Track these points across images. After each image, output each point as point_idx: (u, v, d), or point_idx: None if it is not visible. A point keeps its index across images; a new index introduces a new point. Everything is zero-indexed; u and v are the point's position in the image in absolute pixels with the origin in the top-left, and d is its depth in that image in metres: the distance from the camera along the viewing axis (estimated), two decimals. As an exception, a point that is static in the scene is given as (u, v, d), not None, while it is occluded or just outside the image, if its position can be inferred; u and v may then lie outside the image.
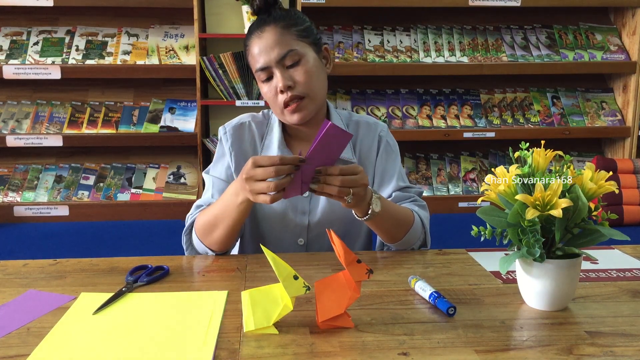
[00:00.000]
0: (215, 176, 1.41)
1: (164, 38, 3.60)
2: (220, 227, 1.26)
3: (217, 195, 1.38)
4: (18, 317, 1.00)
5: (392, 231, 1.31)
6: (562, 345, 0.90)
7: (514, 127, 3.64)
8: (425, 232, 1.37)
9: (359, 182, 1.15)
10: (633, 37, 3.63)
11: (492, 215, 0.99)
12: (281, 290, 0.94)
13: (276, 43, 1.29)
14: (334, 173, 1.13)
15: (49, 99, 3.63)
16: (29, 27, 3.60)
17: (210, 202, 1.37)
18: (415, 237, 1.34)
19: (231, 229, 1.26)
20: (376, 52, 3.59)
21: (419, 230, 1.35)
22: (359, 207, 1.21)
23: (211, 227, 1.28)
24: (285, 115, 1.33)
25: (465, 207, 3.55)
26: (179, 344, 0.91)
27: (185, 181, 3.58)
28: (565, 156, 1.01)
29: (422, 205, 1.40)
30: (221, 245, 1.30)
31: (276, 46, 1.29)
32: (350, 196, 1.14)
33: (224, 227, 1.26)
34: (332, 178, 1.13)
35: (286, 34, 1.30)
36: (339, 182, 1.13)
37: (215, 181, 1.40)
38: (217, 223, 1.26)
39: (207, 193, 1.40)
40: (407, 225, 1.32)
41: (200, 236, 1.31)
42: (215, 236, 1.28)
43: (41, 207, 3.40)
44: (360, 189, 1.16)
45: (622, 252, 1.33)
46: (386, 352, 0.88)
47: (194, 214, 1.36)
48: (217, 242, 1.29)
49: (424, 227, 1.37)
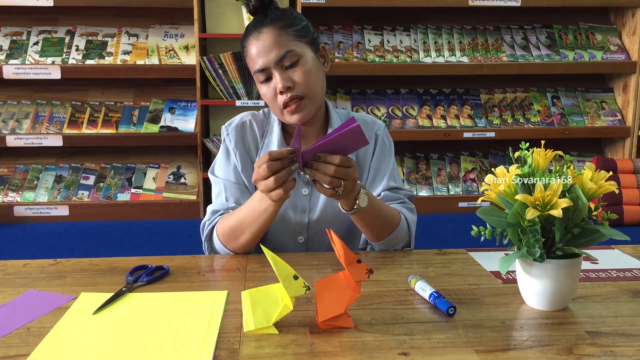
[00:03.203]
0: (225, 179, 1.41)
1: (164, 38, 3.60)
2: (247, 232, 1.29)
3: (231, 199, 1.39)
4: (18, 317, 1.00)
5: (377, 229, 1.31)
6: (562, 345, 0.90)
7: (514, 127, 3.64)
8: (410, 235, 1.38)
9: (350, 175, 1.15)
10: (633, 37, 3.63)
11: (492, 215, 0.99)
12: (281, 290, 0.94)
13: (274, 44, 1.29)
14: (334, 162, 1.13)
15: (49, 99, 3.63)
16: (29, 27, 3.60)
17: (225, 205, 1.38)
18: (399, 239, 1.35)
19: (258, 232, 1.29)
20: (376, 52, 3.59)
21: (404, 232, 1.35)
22: (346, 200, 1.22)
23: (238, 233, 1.30)
24: (285, 116, 1.33)
25: (465, 207, 3.55)
26: (179, 344, 0.91)
27: (185, 181, 3.58)
28: (565, 156, 1.01)
29: (411, 209, 1.40)
30: (246, 249, 1.33)
31: (274, 47, 1.29)
32: (341, 188, 1.15)
33: (250, 232, 1.28)
34: (328, 166, 1.13)
35: (284, 34, 1.30)
36: (332, 171, 1.13)
37: (227, 185, 1.40)
38: (243, 229, 1.29)
39: (221, 197, 1.41)
40: (393, 225, 1.32)
41: (224, 242, 1.33)
42: (242, 241, 1.31)
43: (41, 207, 3.40)
44: (349, 183, 1.16)
45: (622, 252, 1.33)
46: (386, 352, 0.88)
47: (212, 220, 1.37)
48: (243, 246, 1.32)
49: (409, 229, 1.37)
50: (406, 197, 1.42)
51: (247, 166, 1.41)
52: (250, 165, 1.41)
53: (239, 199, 1.38)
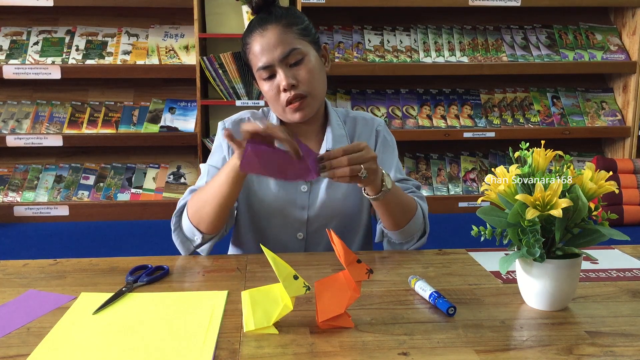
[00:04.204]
0: (211, 165, 1.41)
1: (164, 38, 3.60)
2: (210, 202, 1.25)
3: None
4: (18, 317, 1.00)
5: (398, 215, 1.30)
6: (562, 345, 0.90)
7: (514, 127, 3.64)
8: (425, 223, 1.37)
9: (366, 157, 1.14)
10: (633, 37, 3.63)
11: (492, 215, 0.99)
12: (281, 290, 0.94)
13: (279, 41, 1.29)
14: (338, 155, 1.12)
15: (49, 99, 3.63)
16: (29, 27, 3.60)
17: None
18: (417, 226, 1.34)
19: (222, 203, 1.24)
20: (376, 52, 3.59)
21: (420, 220, 1.35)
22: (373, 183, 1.19)
23: (203, 202, 1.27)
24: (287, 114, 1.33)
25: (465, 207, 3.55)
26: (179, 344, 0.91)
27: (185, 181, 3.58)
28: (565, 156, 1.01)
29: (421, 197, 1.40)
30: (210, 225, 1.28)
31: (279, 45, 1.29)
32: (364, 171, 1.13)
33: (215, 201, 1.24)
34: (338, 160, 1.12)
35: (289, 32, 1.30)
36: (346, 161, 1.11)
37: (211, 169, 1.40)
38: (207, 198, 1.26)
39: (202, 180, 1.40)
40: (411, 211, 1.32)
41: (190, 215, 1.30)
42: (206, 212, 1.27)
43: (41, 207, 3.40)
44: (371, 162, 1.15)
45: (622, 252, 1.33)
46: (386, 352, 0.88)
47: (186, 198, 1.35)
48: (207, 218, 1.27)
49: (424, 217, 1.37)
50: (414, 187, 1.42)
51: None
52: None
53: None
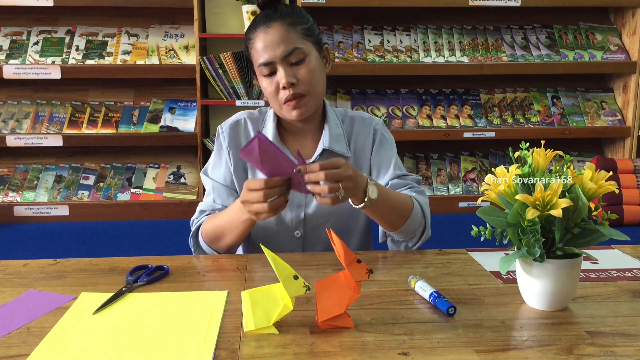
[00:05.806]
0: (215, 180, 1.43)
1: (164, 38, 3.60)
2: (227, 238, 1.33)
3: (218, 200, 1.41)
4: (18, 317, 1.00)
5: (391, 218, 1.31)
6: (562, 345, 0.90)
7: (514, 127, 3.64)
8: (425, 218, 1.36)
9: (343, 175, 1.14)
10: (633, 37, 3.63)
11: (492, 215, 0.99)
12: (281, 290, 0.94)
13: (282, 39, 1.30)
14: (314, 170, 1.12)
15: (49, 98, 3.63)
16: (29, 27, 3.60)
17: (212, 206, 1.40)
18: (416, 224, 1.34)
19: (238, 238, 1.33)
20: (376, 52, 3.59)
21: (419, 217, 1.34)
22: (354, 196, 1.20)
23: (218, 236, 1.34)
24: (285, 111, 1.34)
25: (465, 207, 3.55)
26: (179, 344, 0.91)
27: (185, 181, 3.58)
28: (565, 156, 1.01)
29: (420, 191, 1.39)
30: (228, 251, 1.37)
31: (282, 43, 1.29)
32: (341, 191, 1.13)
33: (230, 237, 1.32)
34: (315, 175, 1.12)
35: (292, 31, 1.31)
36: (323, 177, 1.12)
37: (216, 185, 1.43)
38: (224, 234, 1.32)
39: (209, 197, 1.43)
40: (407, 211, 1.31)
41: (207, 242, 1.37)
42: (223, 244, 1.35)
43: (41, 207, 3.40)
44: (347, 182, 1.15)
45: (622, 252, 1.33)
46: (386, 352, 0.88)
47: (199, 219, 1.40)
48: (224, 248, 1.36)
49: (423, 212, 1.36)
50: (414, 182, 1.42)
51: (238, 166, 1.43)
52: (242, 165, 1.42)
53: (225, 200, 1.41)
